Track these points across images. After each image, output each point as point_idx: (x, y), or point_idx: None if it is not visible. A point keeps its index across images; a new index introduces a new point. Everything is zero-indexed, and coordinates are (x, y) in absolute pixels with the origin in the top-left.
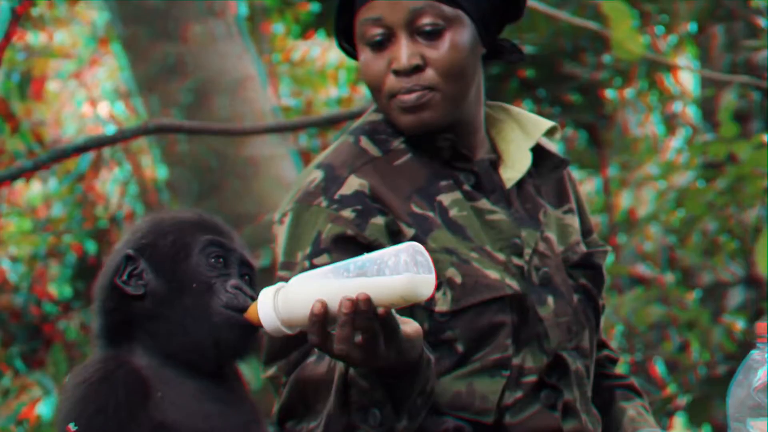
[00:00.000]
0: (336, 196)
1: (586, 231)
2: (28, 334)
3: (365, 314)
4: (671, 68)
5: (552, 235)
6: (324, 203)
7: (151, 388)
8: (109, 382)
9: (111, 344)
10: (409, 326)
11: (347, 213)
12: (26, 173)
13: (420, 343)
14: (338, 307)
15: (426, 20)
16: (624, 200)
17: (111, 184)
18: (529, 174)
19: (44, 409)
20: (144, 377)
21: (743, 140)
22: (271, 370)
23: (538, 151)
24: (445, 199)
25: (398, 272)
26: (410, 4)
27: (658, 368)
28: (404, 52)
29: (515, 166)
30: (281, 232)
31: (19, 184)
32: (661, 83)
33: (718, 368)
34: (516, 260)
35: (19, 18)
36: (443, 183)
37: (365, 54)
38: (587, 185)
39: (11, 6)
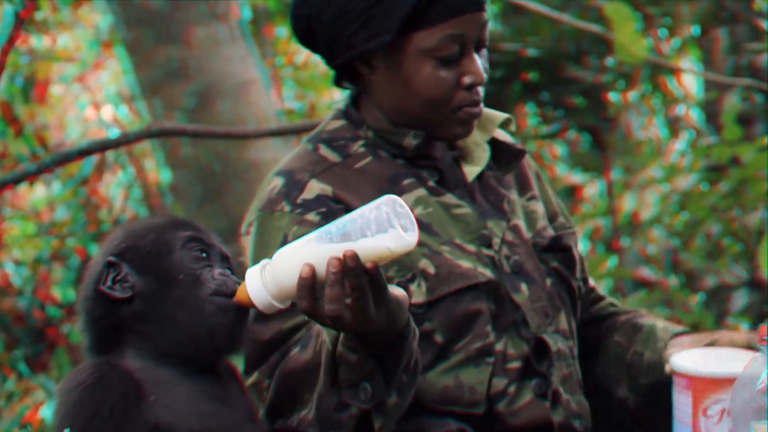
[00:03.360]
0: (298, 201)
1: (552, 215)
2: (32, 337)
3: (354, 271)
4: (674, 71)
5: (520, 222)
6: (287, 208)
7: (145, 391)
8: (103, 385)
9: (102, 352)
10: (397, 290)
11: (312, 216)
12: (30, 177)
13: (406, 307)
14: (326, 268)
15: (486, 34)
16: (627, 203)
17: (114, 187)
18: (489, 167)
19: (48, 412)
20: (137, 380)
21: (746, 143)
22: (253, 377)
23: (494, 143)
24: (408, 199)
25: (383, 229)
26: (481, 18)
27: None
28: (480, 66)
29: (475, 160)
30: (248, 243)
31: (22, 188)
32: (664, 86)
33: None
34: (486, 251)
35: (22, 22)
36: (405, 182)
37: (429, 67)
38: (590, 188)
39: (15, 10)
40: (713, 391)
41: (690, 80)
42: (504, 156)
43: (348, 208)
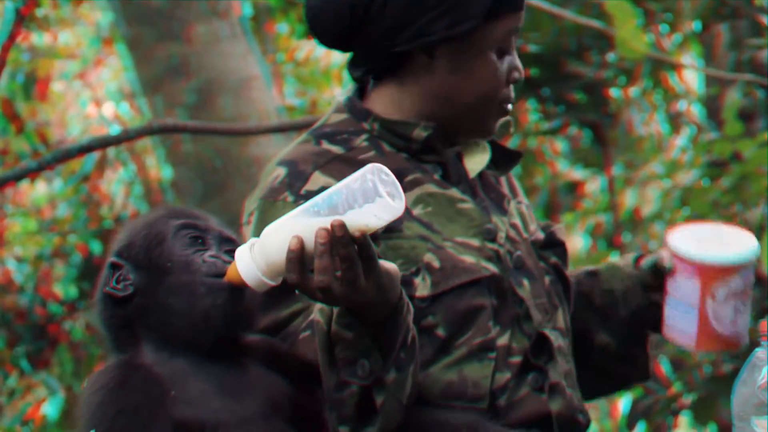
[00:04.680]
0: (302, 192)
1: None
2: (34, 334)
3: (341, 240)
4: (676, 67)
5: (517, 221)
6: (290, 198)
7: (166, 387)
8: (127, 385)
9: (121, 350)
10: (388, 264)
11: None
12: (31, 174)
13: (398, 281)
14: (314, 239)
15: None
16: (629, 199)
17: (116, 184)
18: (488, 166)
19: (50, 409)
20: (158, 377)
21: (748, 138)
22: None
23: (493, 144)
24: (408, 198)
25: (370, 199)
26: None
27: (663, 367)
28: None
29: (476, 158)
30: (249, 232)
31: (24, 185)
32: (665, 82)
33: (723, 367)
34: (490, 245)
35: (23, 19)
36: (408, 179)
37: (492, 60)
38: (591, 184)
39: (16, 7)
40: (723, 278)
41: (691, 76)
42: (502, 157)
43: None
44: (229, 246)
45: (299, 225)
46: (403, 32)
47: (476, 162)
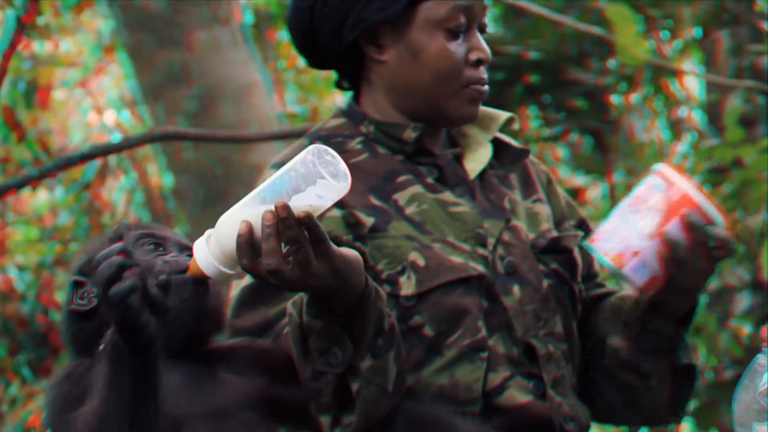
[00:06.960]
0: None
1: (559, 219)
2: (35, 342)
3: (286, 222)
4: (676, 73)
5: (520, 224)
6: None
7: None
8: (64, 379)
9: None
10: (346, 249)
11: None
12: (32, 181)
13: (360, 268)
14: (261, 223)
15: (486, 20)
16: None
17: (117, 192)
18: (491, 165)
19: None
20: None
21: (749, 144)
22: None
23: (497, 143)
24: (401, 197)
25: (312, 181)
26: None
27: None
28: (485, 44)
29: (476, 158)
30: None
31: (25, 193)
32: (666, 88)
33: (725, 373)
34: (480, 250)
35: (24, 27)
36: (400, 179)
37: (439, 40)
38: (593, 191)
39: (17, 15)
40: (656, 184)
41: (692, 82)
42: (507, 155)
43: (340, 204)
44: (189, 252)
45: (248, 212)
46: (345, 25)
47: (477, 162)
